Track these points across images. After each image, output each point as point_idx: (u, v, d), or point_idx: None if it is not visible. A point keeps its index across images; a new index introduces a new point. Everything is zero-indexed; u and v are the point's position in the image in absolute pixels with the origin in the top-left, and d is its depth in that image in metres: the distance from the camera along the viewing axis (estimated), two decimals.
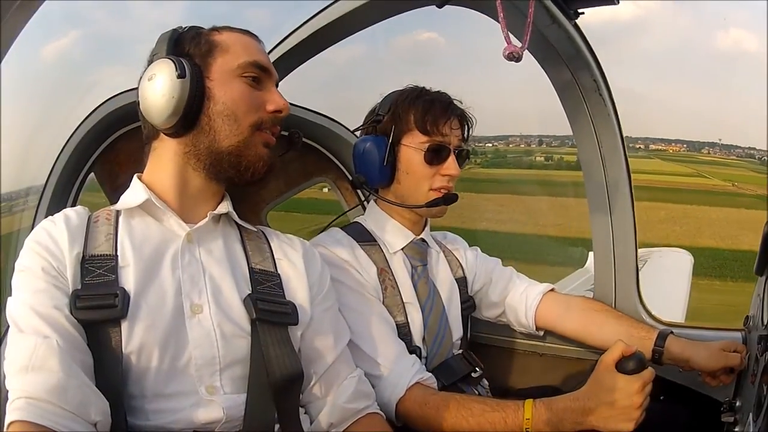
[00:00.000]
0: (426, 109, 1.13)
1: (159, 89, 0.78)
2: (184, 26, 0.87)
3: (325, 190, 1.83)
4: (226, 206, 0.88)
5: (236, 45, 0.85)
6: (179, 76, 0.78)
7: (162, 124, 0.81)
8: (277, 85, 0.90)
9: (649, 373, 0.88)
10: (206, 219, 0.85)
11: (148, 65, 0.84)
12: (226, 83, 0.82)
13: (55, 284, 0.72)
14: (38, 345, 0.66)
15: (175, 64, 0.79)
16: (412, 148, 1.14)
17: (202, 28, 0.87)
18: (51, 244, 0.75)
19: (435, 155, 1.13)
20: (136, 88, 0.84)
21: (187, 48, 0.83)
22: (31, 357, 0.66)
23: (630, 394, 0.86)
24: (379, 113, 1.17)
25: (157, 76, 0.79)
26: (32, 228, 0.79)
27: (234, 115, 0.82)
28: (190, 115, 0.80)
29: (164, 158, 0.84)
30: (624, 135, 1.28)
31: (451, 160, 1.14)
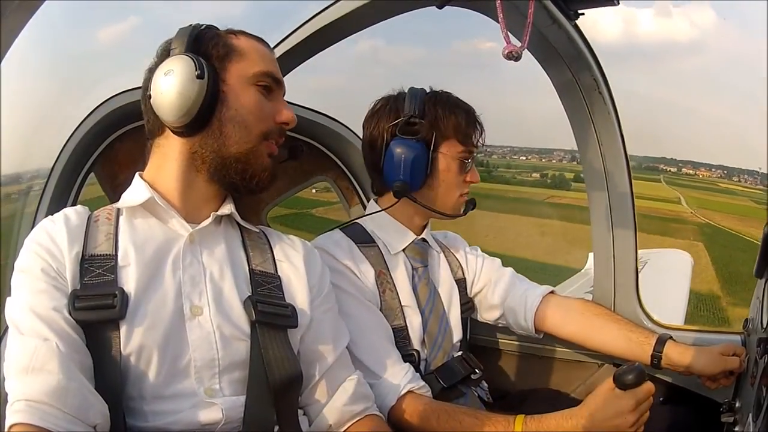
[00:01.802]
0: (466, 121, 1.15)
1: (175, 86, 0.77)
2: (201, 24, 0.86)
3: None
4: (229, 207, 0.88)
5: (252, 52, 0.85)
6: (198, 77, 0.77)
7: (172, 122, 0.80)
8: (283, 96, 0.90)
9: (646, 388, 0.85)
10: (209, 220, 0.84)
11: (160, 58, 0.83)
12: (240, 90, 0.83)
13: (55, 285, 0.72)
14: (38, 347, 0.66)
15: (195, 62, 0.78)
16: (450, 156, 1.15)
17: (218, 28, 0.87)
18: (50, 245, 0.74)
19: (464, 164, 1.17)
20: (137, 88, 0.84)
21: (206, 48, 0.82)
22: (31, 359, 0.66)
23: (622, 412, 0.84)
24: (413, 116, 1.11)
25: (174, 72, 0.78)
26: (32, 227, 0.79)
27: (245, 123, 0.82)
28: (202, 116, 0.80)
29: (169, 156, 0.84)
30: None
31: (474, 168, 1.19)
